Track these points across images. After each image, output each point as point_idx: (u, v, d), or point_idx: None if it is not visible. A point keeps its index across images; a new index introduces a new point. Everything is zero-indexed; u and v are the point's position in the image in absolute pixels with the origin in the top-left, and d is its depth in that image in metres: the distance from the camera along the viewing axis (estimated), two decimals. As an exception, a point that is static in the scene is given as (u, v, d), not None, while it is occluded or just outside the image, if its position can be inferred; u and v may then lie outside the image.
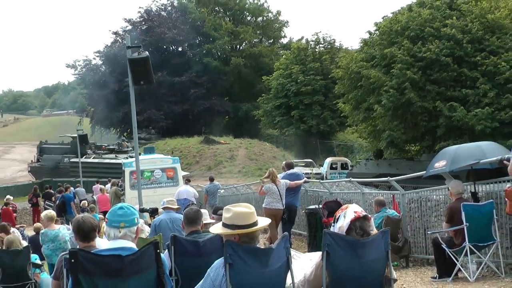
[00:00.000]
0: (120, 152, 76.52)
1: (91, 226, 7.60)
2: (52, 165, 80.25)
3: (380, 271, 7.27)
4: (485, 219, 12.88)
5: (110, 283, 6.36)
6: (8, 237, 17.56)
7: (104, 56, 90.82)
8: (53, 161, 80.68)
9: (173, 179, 34.00)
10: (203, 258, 8.11)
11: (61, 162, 79.17)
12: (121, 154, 73.76)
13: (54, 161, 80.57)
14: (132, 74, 22.33)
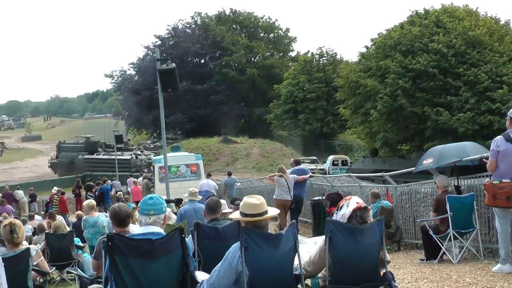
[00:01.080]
0: (126, 149, 78.02)
1: (125, 213, 7.66)
2: (68, 161, 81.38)
3: (375, 254, 7.27)
4: (467, 209, 12.90)
5: (141, 263, 6.37)
6: (55, 223, 17.69)
7: (137, 67, 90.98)
8: (69, 158, 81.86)
9: (196, 174, 34.11)
10: (222, 242, 8.09)
11: (76, 158, 79.93)
12: (127, 152, 75.80)
13: (70, 158, 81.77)
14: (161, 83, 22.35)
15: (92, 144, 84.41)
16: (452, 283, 10.50)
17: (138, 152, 75.06)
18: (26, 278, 9.79)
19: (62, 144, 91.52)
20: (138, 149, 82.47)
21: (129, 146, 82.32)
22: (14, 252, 9.76)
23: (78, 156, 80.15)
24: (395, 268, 12.27)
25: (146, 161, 69.39)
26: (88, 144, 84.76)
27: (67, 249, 15.73)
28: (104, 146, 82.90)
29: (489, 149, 10.94)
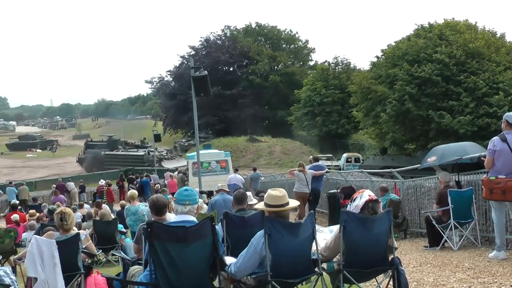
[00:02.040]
0: (142, 147, 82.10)
1: (163, 203, 7.70)
2: (93, 157, 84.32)
3: (384, 241, 7.27)
4: (466, 202, 12.95)
5: (177, 248, 6.41)
6: (101, 211, 17.85)
7: (173, 74, 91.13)
8: (94, 154, 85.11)
9: (225, 169, 34.26)
10: (248, 229, 8.11)
11: (99, 154, 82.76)
12: (142, 149, 79.94)
13: (94, 154, 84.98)
14: (195, 88, 22.43)
15: (113, 142, 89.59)
16: (453, 268, 10.48)
17: (151, 149, 75.69)
18: (77, 259, 9.86)
19: (89, 142, 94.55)
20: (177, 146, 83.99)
21: (145, 144, 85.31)
22: (66, 237, 9.84)
23: (101, 153, 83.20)
24: (402, 254, 12.24)
25: (158, 158, 70.32)
26: (110, 142, 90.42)
27: (112, 234, 15.89)
28: (124, 144, 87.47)
29: (486, 148, 10.94)
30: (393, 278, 7.25)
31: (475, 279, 9.13)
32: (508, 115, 10.55)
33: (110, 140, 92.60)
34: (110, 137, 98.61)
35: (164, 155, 77.31)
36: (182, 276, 6.47)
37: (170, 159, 75.13)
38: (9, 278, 7.65)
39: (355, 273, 7.14)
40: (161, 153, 77.65)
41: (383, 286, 7.41)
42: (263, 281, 6.71)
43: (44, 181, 59.53)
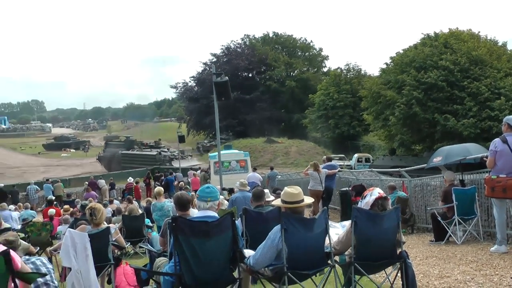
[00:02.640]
0: (156, 147, 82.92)
1: (187, 200, 7.75)
2: (111, 156, 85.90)
3: (393, 236, 7.28)
4: (470, 199, 12.96)
5: (199, 241, 6.44)
6: (130, 206, 17.98)
7: (196, 79, 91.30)
8: (112, 153, 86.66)
9: (244, 168, 34.38)
10: (265, 224, 8.11)
11: (116, 153, 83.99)
12: (156, 149, 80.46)
13: (112, 153, 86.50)
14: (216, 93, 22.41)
15: (130, 142, 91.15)
16: (457, 261, 10.45)
17: (165, 150, 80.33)
18: (107, 251, 9.91)
19: (108, 141, 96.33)
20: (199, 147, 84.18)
21: (159, 145, 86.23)
22: (97, 230, 9.90)
23: (118, 152, 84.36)
24: (409, 247, 12.20)
25: (169, 157, 74.45)
26: (127, 142, 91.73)
27: (139, 228, 15.93)
28: (140, 144, 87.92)
29: (488, 149, 10.96)
30: (401, 270, 7.27)
31: (477, 271, 9.12)
32: (508, 118, 10.62)
33: (127, 141, 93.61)
34: (127, 137, 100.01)
35: (175, 155, 76.88)
36: (204, 267, 6.50)
37: (180, 159, 74.73)
38: (45, 268, 7.70)
39: (366, 265, 7.17)
40: (173, 153, 78.56)
41: (392, 277, 7.39)
42: (279, 272, 6.75)
43: (77, 178, 59.81)
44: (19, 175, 78.44)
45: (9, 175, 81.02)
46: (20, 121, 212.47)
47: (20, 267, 5.80)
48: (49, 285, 7.57)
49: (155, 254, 10.17)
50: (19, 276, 5.72)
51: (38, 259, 8.23)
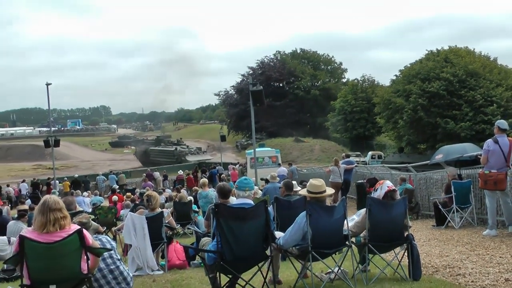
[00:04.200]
0: (178, 144, 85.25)
1: (228, 189, 7.80)
2: (143, 151, 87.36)
3: (401, 221, 7.32)
4: (466, 191, 13.03)
5: (237, 224, 6.51)
6: (180, 194, 18.10)
7: (236, 88, 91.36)
8: (144, 149, 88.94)
9: (275, 163, 34.43)
10: (293, 210, 8.12)
11: (147, 149, 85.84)
12: (178, 146, 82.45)
13: (144, 149, 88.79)
14: (252, 99, 22.48)
15: (159, 140, 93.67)
16: (454, 242, 10.45)
17: (184, 146, 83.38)
18: (161, 231, 10.01)
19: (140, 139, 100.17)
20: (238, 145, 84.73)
21: (180, 142, 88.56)
22: (153, 214, 9.98)
23: (148, 148, 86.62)
24: (414, 231, 12.14)
25: (184, 152, 77.01)
26: (157, 140, 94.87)
27: (188, 212, 16.02)
28: (166, 142, 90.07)
29: (482, 148, 11.03)
30: (407, 250, 7.32)
31: (472, 252, 9.15)
32: (499, 122, 10.83)
33: (157, 139, 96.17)
34: (158, 136, 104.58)
35: (192, 150, 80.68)
36: (241, 246, 6.56)
37: (195, 154, 78.28)
38: (110, 244, 7.75)
39: (378, 246, 7.24)
40: (190, 148, 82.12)
41: (400, 256, 7.39)
42: (304, 251, 6.84)
43: (136, 171, 60.28)
44: (90, 168, 79.32)
45: (82, 167, 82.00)
46: (91, 123, 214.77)
47: (91, 243, 5.90)
48: (113, 258, 7.62)
49: (200, 234, 10.21)
50: (90, 250, 5.85)
51: (104, 237, 8.30)
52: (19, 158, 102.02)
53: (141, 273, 9.15)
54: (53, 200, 5.78)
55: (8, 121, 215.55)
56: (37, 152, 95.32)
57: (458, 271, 7.63)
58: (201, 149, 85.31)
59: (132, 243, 9.41)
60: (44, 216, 5.61)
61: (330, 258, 7.23)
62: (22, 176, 63.00)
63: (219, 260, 6.49)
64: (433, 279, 7.21)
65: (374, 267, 7.55)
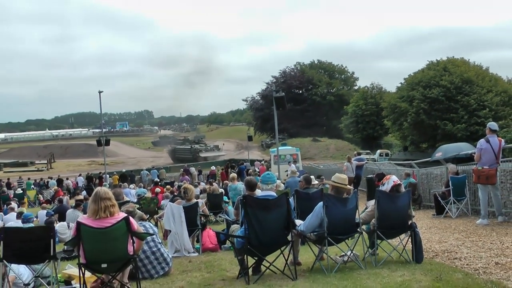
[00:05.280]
0: (198, 143, 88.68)
1: (254, 183, 7.78)
2: (171, 149, 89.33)
3: (405, 211, 7.29)
4: (462, 184, 12.96)
5: (262, 213, 6.54)
6: (213, 187, 18.09)
7: (261, 95, 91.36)
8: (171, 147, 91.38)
9: (296, 160, 34.29)
10: (311, 201, 8.12)
11: (175, 148, 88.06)
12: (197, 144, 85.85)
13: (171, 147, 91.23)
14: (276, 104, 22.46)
15: (185, 139, 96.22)
16: (452, 230, 10.41)
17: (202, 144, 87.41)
18: (196, 219, 10.05)
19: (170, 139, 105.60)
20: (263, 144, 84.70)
21: (200, 142, 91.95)
22: (189, 204, 10.03)
23: (175, 146, 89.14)
24: (417, 220, 11.99)
25: (199, 150, 80.00)
26: (184, 140, 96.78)
27: (219, 202, 16.01)
28: (192, 141, 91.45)
29: (476, 147, 11.05)
30: (411, 237, 7.29)
31: (466, 238, 9.12)
32: (490, 124, 10.91)
33: (185, 139, 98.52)
34: (185, 137, 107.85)
35: (208, 148, 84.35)
36: (266, 232, 6.58)
37: (209, 151, 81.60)
38: (152, 230, 7.86)
39: (385, 232, 7.22)
40: (207, 146, 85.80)
41: (404, 242, 7.34)
42: (321, 236, 6.86)
43: (175, 166, 60.65)
44: (135, 164, 79.89)
45: (128, 163, 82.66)
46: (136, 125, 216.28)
47: (136, 228, 6.00)
48: (155, 242, 7.71)
49: (230, 222, 10.26)
50: (135, 234, 5.97)
51: (147, 223, 8.38)
52: (76, 155, 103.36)
53: (179, 255, 9.19)
54: (103, 191, 5.97)
55: (67, 123, 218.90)
56: (91, 150, 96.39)
57: (455, 255, 7.58)
58: (218, 146, 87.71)
59: (171, 229, 9.46)
60: (96, 204, 5.80)
61: (343, 243, 7.24)
62: (78, 171, 63.91)
63: (247, 244, 6.52)
64: (433, 262, 7.17)
65: (382, 251, 7.50)
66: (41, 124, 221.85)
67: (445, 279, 5.96)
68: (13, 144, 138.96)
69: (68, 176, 47.89)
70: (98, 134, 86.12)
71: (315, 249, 7.33)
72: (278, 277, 6.63)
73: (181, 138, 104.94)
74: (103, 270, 5.88)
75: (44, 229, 6.81)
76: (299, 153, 36.65)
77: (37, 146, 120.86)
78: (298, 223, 7.18)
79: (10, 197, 28.67)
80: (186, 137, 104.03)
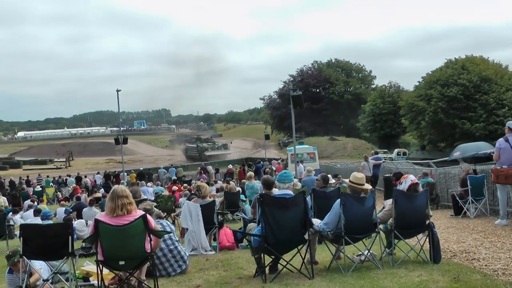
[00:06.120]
0: (206, 141, 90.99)
1: (271, 181, 7.79)
2: (184, 148, 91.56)
3: (423, 210, 7.25)
4: (480, 184, 12.87)
5: (279, 211, 6.55)
6: (230, 185, 18.06)
7: (278, 93, 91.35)
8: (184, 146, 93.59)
9: (313, 158, 34.39)
10: (329, 200, 8.12)
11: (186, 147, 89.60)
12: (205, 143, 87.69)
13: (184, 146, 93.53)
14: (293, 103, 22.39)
15: (198, 138, 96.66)
16: (470, 230, 10.34)
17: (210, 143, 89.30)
18: (213, 216, 10.07)
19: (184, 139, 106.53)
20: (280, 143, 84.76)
21: (208, 140, 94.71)
22: (206, 202, 10.06)
23: (187, 145, 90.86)
24: (435, 220, 11.94)
25: (204, 148, 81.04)
26: (197, 138, 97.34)
27: (236, 201, 16.03)
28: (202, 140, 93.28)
29: (494, 146, 10.97)
30: (429, 237, 7.26)
31: (485, 239, 9.06)
32: (509, 123, 10.72)
33: (198, 138, 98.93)
34: (198, 135, 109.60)
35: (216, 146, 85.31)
36: (283, 231, 6.58)
37: (215, 149, 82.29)
38: (169, 227, 7.90)
39: (402, 232, 7.21)
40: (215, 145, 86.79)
41: (422, 242, 7.31)
42: (338, 235, 6.88)
43: (193, 165, 60.69)
44: (153, 162, 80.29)
45: (146, 161, 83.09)
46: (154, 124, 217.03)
47: (153, 226, 6.07)
48: (172, 240, 7.76)
49: (247, 220, 10.28)
50: (152, 232, 6.02)
51: (165, 221, 8.42)
52: (94, 153, 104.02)
53: (196, 253, 9.23)
54: (120, 188, 6.03)
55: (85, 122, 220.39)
56: (109, 148, 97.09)
57: (473, 256, 7.53)
58: (226, 145, 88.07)
59: (188, 227, 9.50)
60: (113, 202, 5.87)
61: (360, 242, 7.22)
62: (96, 169, 64.45)
63: (264, 243, 6.52)
64: (451, 263, 7.12)
65: (399, 250, 7.48)
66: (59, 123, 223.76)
67: (463, 280, 5.92)
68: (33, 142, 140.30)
69: (86, 174, 48.25)
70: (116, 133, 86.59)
71: (332, 248, 7.30)
72: (295, 276, 6.64)
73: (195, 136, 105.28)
74: (120, 267, 5.95)
75: (63, 226, 6.89)
76: (316, 152, 36.62)
77: (56, 144, 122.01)
78: (315, 222, 7.20)
79: (30, 194, 29.01)
80: (199, 136, 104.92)
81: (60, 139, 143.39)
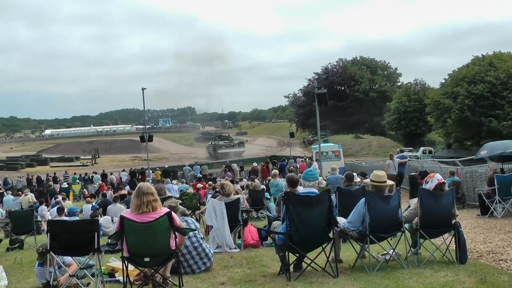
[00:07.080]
0: (225, 138, 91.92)
1: (296, 179, 7.83)
2: (206, 145, 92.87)
3: (449, 209, 7.19)
4: (508, 183, 12.77)
5: (304, 210, 6.55)
6: (254, 183, 18.16)
7: (303, 91, 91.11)
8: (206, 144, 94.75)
9: (338, 157, 34.31)
10: (354, 198, 8.08)
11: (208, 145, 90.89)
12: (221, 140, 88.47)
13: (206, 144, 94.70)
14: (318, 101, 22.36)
15: (218, 136, 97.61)
16: (497, 230, 10.22)
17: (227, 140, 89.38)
18: (238, 214, 10.10)
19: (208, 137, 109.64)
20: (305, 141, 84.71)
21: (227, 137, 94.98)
22: (231, 200, 10.08)
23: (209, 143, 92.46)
24: (461, 219, 11.83)
25: (218, 146, 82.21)
26: (218, 136, 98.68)
27: (261, 199, 16.07)
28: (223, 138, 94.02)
29: None
30: (455, 236, 7.19)
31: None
32: None
33: (219, 135, 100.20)
34: (220, 133, 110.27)
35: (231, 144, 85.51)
36: (307, 229, 6.58)
37: (229, 147, 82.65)
38: (194, 225, 7.94)
39: (428, 231, 7.17)
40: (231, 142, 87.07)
41: (448, 241, 7.23)
42: (363, 234, 6.86)
43: (217, 162, 60.82)
44: (178, 159, 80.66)
45: (171, 159, 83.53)
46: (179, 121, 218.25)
47: (178, 223, 6.12)
48: (197, 237, 7.79)
49: (271, 218, 10.28)
50: (177, 229, 6.07)
51: (190, 219, 8.47)
52: (120, 150, 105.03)
53: (221, 251, 9.26)
54: (146, 186, 6.09)
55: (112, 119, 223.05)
56: (134, 146, 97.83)
57: (501, 257, 7.44)
58: (242, 143, 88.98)
59: (213, 225, 9.54)
60: (138, 199, 5.93)
61: (385, 241, 7.20)
62: (122, 166, 65.02)
63: (288, 241, 6.53)
64: (478, 263, 7.04)
65: (425, 250, 7.43)
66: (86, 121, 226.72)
67: (490, 281, 5.85)
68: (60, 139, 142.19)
69: (112, 171, 48.80)
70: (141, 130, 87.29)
71: (356, 247, 7.29)
72: (319, 274, 6.63)
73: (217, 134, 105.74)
74: (145, 263, 6.02)
75: (89, 223, 6.98)
76: (341, 150, 36.52)
77: (82, 141, 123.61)
78: (340, 220, 7.18)
79: (56, 191, 29.41)
80: (221, 134, 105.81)
81: (86, 136, 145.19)
